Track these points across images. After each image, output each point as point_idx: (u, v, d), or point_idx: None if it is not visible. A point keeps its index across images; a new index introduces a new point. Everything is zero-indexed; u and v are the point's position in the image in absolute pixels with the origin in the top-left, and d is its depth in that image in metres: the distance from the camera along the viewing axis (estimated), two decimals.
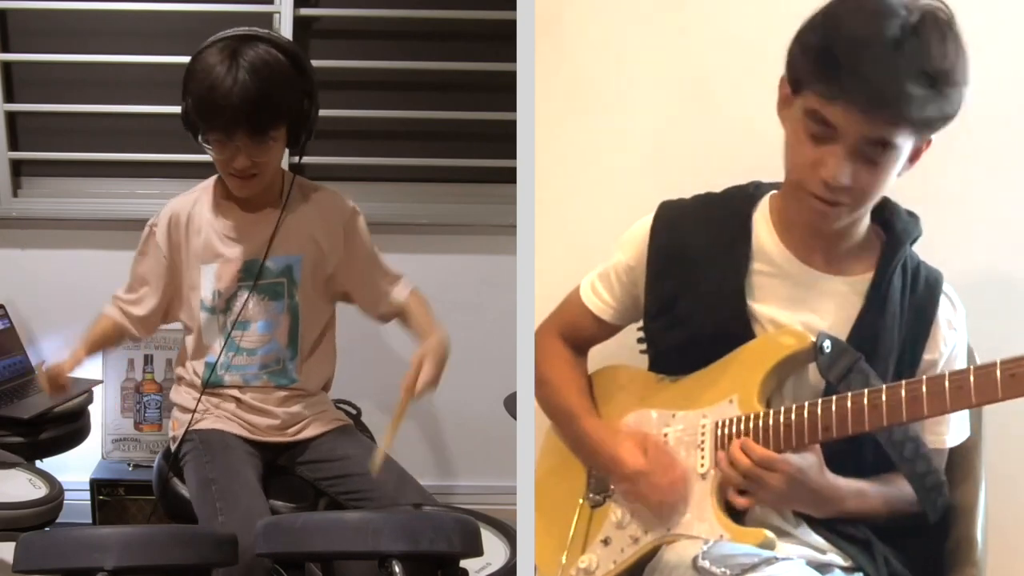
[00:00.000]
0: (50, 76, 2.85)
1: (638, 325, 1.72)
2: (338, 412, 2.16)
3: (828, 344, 1.50)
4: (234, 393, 2.05)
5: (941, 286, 1.59)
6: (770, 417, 1.49)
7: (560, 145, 1.99)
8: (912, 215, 1.60)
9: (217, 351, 2.05)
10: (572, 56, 2.05)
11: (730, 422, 1.54)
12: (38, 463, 2.39)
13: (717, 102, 1.98)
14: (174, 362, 2.19)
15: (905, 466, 1.51)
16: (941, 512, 1.55)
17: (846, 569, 1.52)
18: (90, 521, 2.71)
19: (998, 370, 1.31)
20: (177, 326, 2.14)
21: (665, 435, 1.61)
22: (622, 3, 2.05)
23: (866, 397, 1.42)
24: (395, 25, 2.86)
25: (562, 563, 1.64)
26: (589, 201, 2.04)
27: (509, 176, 1.41)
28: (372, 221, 2.14)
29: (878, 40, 1.36)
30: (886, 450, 1.50)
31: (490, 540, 1.81)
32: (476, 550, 1.54)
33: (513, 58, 1.38)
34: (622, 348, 1.77)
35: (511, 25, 1.39)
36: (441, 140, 2.95)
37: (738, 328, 1.57)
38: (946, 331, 1.57)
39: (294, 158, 2.01)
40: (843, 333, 1.54)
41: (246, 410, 2.05)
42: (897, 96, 1.36)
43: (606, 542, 1.62)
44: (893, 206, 1.59)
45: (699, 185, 1.70)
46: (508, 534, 1.86)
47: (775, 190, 1.63)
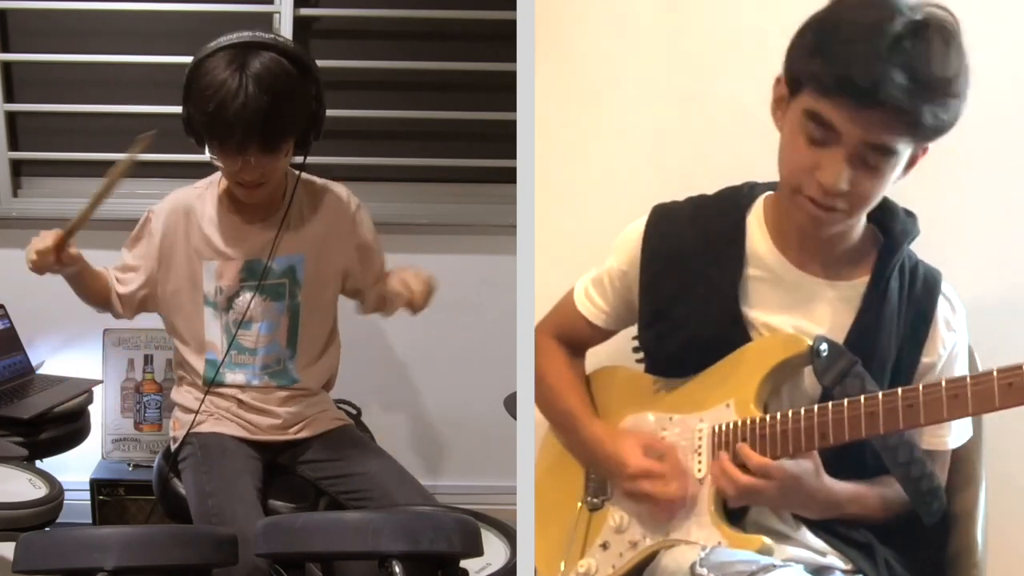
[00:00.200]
0: (50, 76, 2.85)
1: (633, 334, 1.71)
2: (339, 412, 2.16)
3: (824, 347, 1.48)
4: (235, 393, 2.05)
5: (940, 286, 1.56)
6: (767, 423, 1.48)
7: (560, 145, 1.99)
8: (910, 214, 1.58)
9: (218, 348, 2.05)
10: (572, 56, 2.04)
11: (727, 427, 1.53)
12: (38, 463, 2.39)
13: (717, 102, 1.98)
14: (173, 362, 2.19)
15: (899, 471, 1.50)
16: (937, 516, 1.53)
17: (847, 572, 1.52)
18: (90, 521, 2.71)
19: (995, 379, 1.30)
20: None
21: (663, 438, 1.61)
22: (622, 3, 2.05)
23: (862, 404, 1.40)
24: (395, 25, 2.86)
25: (561, 569, 1.64)
26: (589, 201, 2.04)
27: (509, 176, 1.41)
28: (372, 221, 2.13)
29: (880, 36, 1.35)
30: (880, 454, 1.50)
31: (490, 540, 1.81)
32: (476, 550, 1.54)
33: (513, 58, 1.38)
34: (620, 348, 1.77)
35: (511, 25, 1.39)
36: (441, 140, 2.95)
37: (734, 335, 1.56)
38: (944, 333, 1.55)
39: (298, 158, 1.99)
40: (839, 338, 1.52)
41: (247, 410, 2.05)
42: (896, 94, 1.34)
43: (605, 546, 1.62)
44: (891, 206, 1.56)
45: (699, 184, 1.70)
46: (508, 534, 1.86)
47: (770, 191, 1.61)
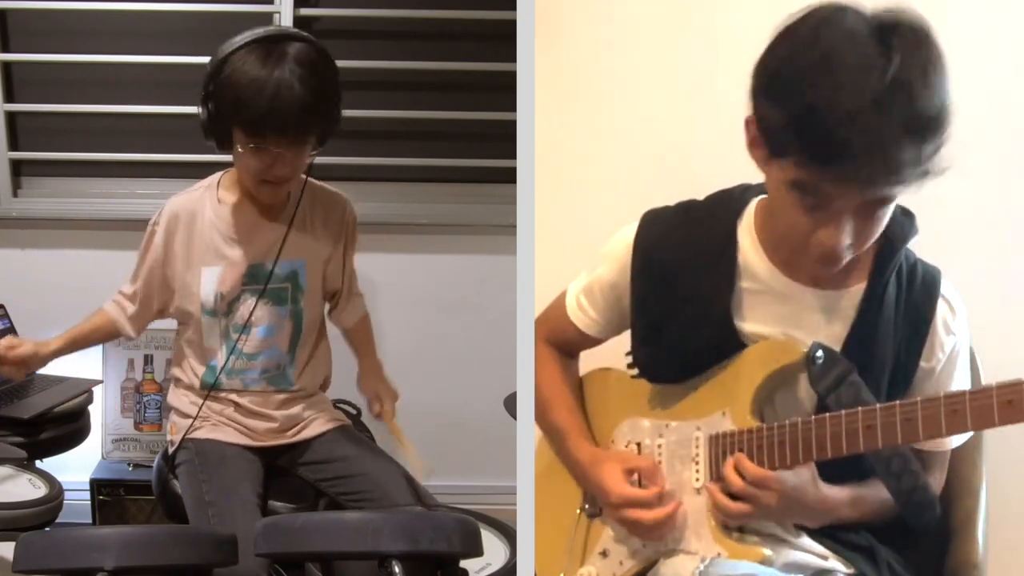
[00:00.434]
0: (50, 76, 2.85)
1: (627, 350, 1.66)
2: (337, 412, 2.16)
3: (820, 354, 1.45)
4: (232, 397, 2.04)
5: (939, 287, 1.51)
6: (763, 434, 1.46)
7: (560, 145, 1.99)
8: (907, 213, 1.51)
9: (217, 354, 2.03)
10: (572, 56, 2.04)
11: (724, 437, 1.51)
12: (38, 463, 2.39)
13: (717, 102, 1.97)
14: (173, 363, 2.17)
15: (891, 481, 1.47)
16: (928, 526, 1.51)
17: None
18: (90, 521, 2.71)
19: (995, 395, 1.27)
20: (175, 324, 2.13)
21: (659, 446, 1.59)
22: (622, 4, 2.05)
23: (860, 417, 1.38)
24: (395, 25, 2.86)
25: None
26: (589, 201, 2.04)
27: (509, 176, 1.41)
28: (372, 221, 2.14)
29: (862, 101, 1.25)
30: (872, 464, 1.47)
31: (490, 540, 1.81)
32: (476, 550, 1.54)
33: (513, 58, 1.38)
34: (618, 348, 1.75)
35: (511, 25, 1.39)
36: (441, 140, 2.95)
37: (729, 349, 1.53)
38: (944, 336, 1.51)
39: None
40: (836, 346, 1.48)
41: (244, 414, 2.04)
42: (890, 158, 1.27)
43: (604, 554, 1.61)
44: None
45: (699, 185, 1.69)
46: (508, 534, 1.86)
47: (763, 195, 1.55)
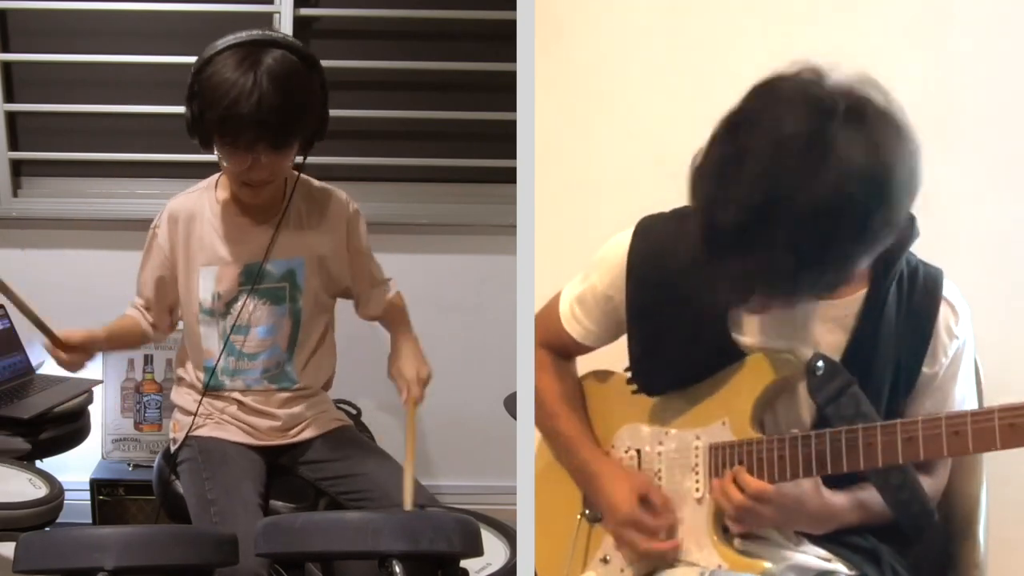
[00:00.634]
0: (50, 76, 2.85)
1: (626, 365, 1.64)
2: (338, 412, 2.16)
3: (821, 365, 1.44)
4: (235, 396, 2.04)
5: (941, 290, 1.48)
6: (763, 447, 1.45)
7: (560, 145, 1.99)
8: (909, 216, 1.44)
9: (215, 354, 2.03)
10: (572, 56, 2.04)
11: (724, 448, 1.50)
12: (38, 463, 2.39)
13: (717, 101, 1.97)
14: (174, 362, 2.19)
15: (887, 493, 1.46)
16: (924, 534, 1.50)
17: None
18: (90, 521, 2.71)
19: (996, 417, 1.26)
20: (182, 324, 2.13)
21: (659, 453, 1.59)
22: (622, 3, 2.05)
23: (860, 435, 1.37)
24: (395, 25, 2.86)
25: None
26: (589, 201, 2.04)
27: (509, 176, 1.41)
28: (372, 221, 2.13)
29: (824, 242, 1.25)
30: (870, 477, 1.46)
31: (490, 540, 1.81)
32: (476, 550, 1.54)
33: (513, 58, 1.38)
34: (617, 351, 1.75)
35: (511, 25, 1.39)
36: (441, 140, 2.95)
37: (727, 360, 1.51)
38: (946, 341, 1.48)
39: (298, 158, 1.98)
40: (837, 355, 1.46)
41: (247, 412, 2.04)
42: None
43: (605, 560, 1.61)
44: None
45: None
46: (508, 534, 1.86)
47: None
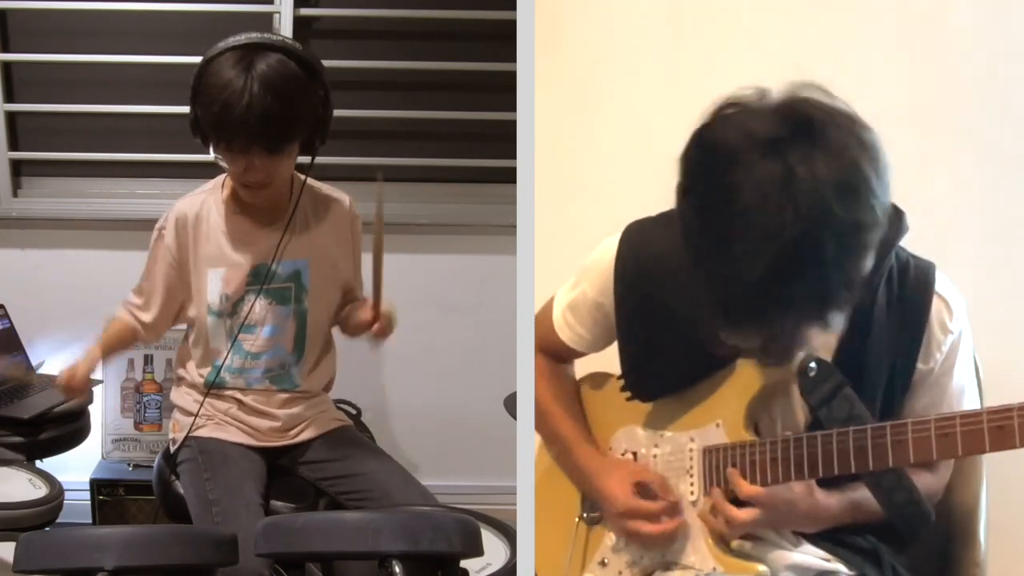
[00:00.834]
0: (50, 76, 2.85)
1: (619, 374, 1.65)
2: (338, 412, 2.16)
3: (814, 366, 1.43)
4: (235, 395, 2.05)
5: (933, 285, 1.46)
6: (756, 449, 1.46)
7: (560, 145, 1.99)
8: (895, 211, 1.41)
9: (222, 355, 2.03)
10: (572, 56, 2.05)
11: (718, 451, 1.50)
12: (38, 463, 2.39)
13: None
14: (174, 362, 2.19)
15: (883, 497, 1.45)
16: (920, 535, 1.50)
17: None
18: (90, 521, 2.71)
19: (985, 420, 1.27)
20: (178, 326, 2.13)
21: (655, 456, 1.59)
22: (622, 4, 2.05)
23: (851, 437, 1.37)
24: (395, 25, 2.86)
25: None
26: (589, 201, 2.04)
27: (509, 176, 1.41)
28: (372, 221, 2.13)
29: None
30: (864, 479, 1.45)
31: (490, 540, 1.81)
32: (476, 550, 1.54)
33: (513, 58, 1.38)
34: (612, 353, 1.75)
35: (511, 25, 1.39)
36: (441, 140, 2.95)
37: (719, 363, 1.51)
38: (940, 336, 1.47)
39: (304, 159, 1.98)
40: (830, 354, 1.46)
41: (247, 412, 2.04)
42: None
43: (603, 563, 1.61)
44: None
45: None
46: (508, 534, 1.86)
47: None
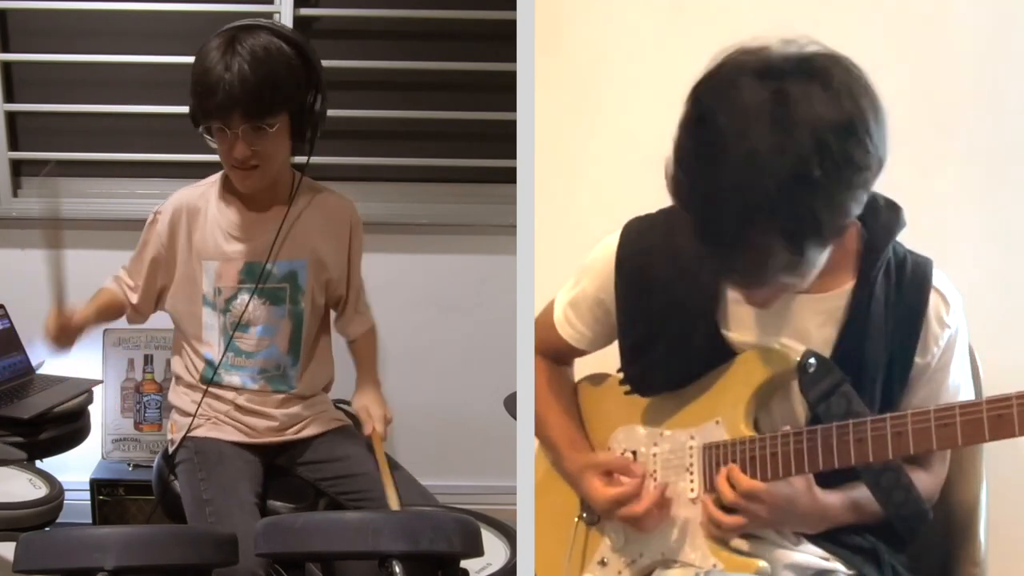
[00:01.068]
0: (50, 76, 2.85)
1: (618, 367, 1.65)
2: (337, 412, 2.16)
3: (813, 362, 1.44)
4: (231, 395, 2.04)
5: (930, 280, 1.47)
6: (755, 445, 1.46)
7: (560, 145, 1.99)
8: (892, 206, 1.46)
9: (215, 348, 2.03)
10: (572, 56, 2.05)
11: (717, 448, 1.50)
12: (38, 463, 2.39)
13: None
14: (171, 358, 2.17)
15: (881, 495, 1.45)
16: (918, 534, 1.50)
17: None
18: (90, 521, 2.71)
19: (984, 409, 1.27)
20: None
21: (654, 454, 1.58)
22: (622, 4, 2.05)
23: (851, 430, 1.38)
24: (395, 25, 2.86)
25: None
26: (589, 201, 2.04)
27: (509, 176, 1.41)
28: (372, 221, 2.14)
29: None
30: (862, 478, 1.46)
31: (490, 540, 1.81)
32: (476, 550, 1.54)
33: (513, 58, 1.38)
34: (614, 353, 1.75)
35: (511, 25, 1.39)
36: (441, 140, 2.95)
37: (719, 359, 1.52)
38: (937, 330, 1.47)
39: (302, 158, 1.98)
40: (828, 349, 1.46)
41: (244, 412, 2.04)
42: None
43: (603, 563, 1.61)
44: (871, 199, 1.37)
45: None
46: (508, 534, 1.86)
47: None
